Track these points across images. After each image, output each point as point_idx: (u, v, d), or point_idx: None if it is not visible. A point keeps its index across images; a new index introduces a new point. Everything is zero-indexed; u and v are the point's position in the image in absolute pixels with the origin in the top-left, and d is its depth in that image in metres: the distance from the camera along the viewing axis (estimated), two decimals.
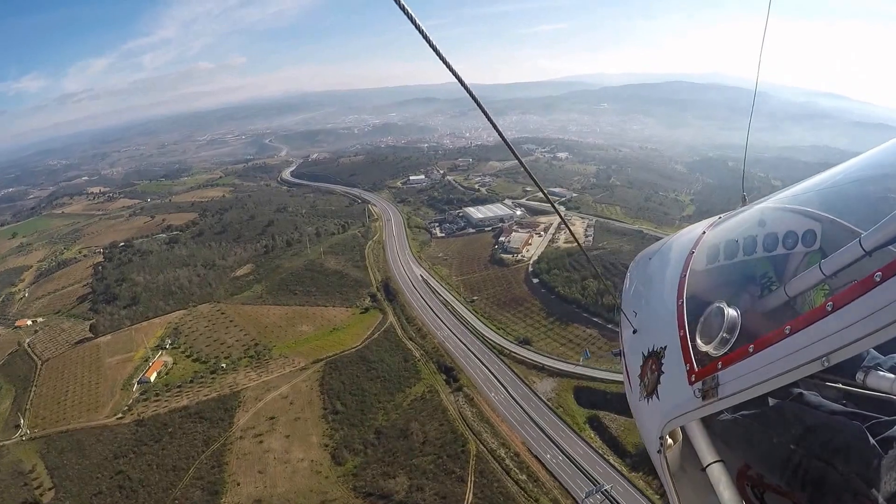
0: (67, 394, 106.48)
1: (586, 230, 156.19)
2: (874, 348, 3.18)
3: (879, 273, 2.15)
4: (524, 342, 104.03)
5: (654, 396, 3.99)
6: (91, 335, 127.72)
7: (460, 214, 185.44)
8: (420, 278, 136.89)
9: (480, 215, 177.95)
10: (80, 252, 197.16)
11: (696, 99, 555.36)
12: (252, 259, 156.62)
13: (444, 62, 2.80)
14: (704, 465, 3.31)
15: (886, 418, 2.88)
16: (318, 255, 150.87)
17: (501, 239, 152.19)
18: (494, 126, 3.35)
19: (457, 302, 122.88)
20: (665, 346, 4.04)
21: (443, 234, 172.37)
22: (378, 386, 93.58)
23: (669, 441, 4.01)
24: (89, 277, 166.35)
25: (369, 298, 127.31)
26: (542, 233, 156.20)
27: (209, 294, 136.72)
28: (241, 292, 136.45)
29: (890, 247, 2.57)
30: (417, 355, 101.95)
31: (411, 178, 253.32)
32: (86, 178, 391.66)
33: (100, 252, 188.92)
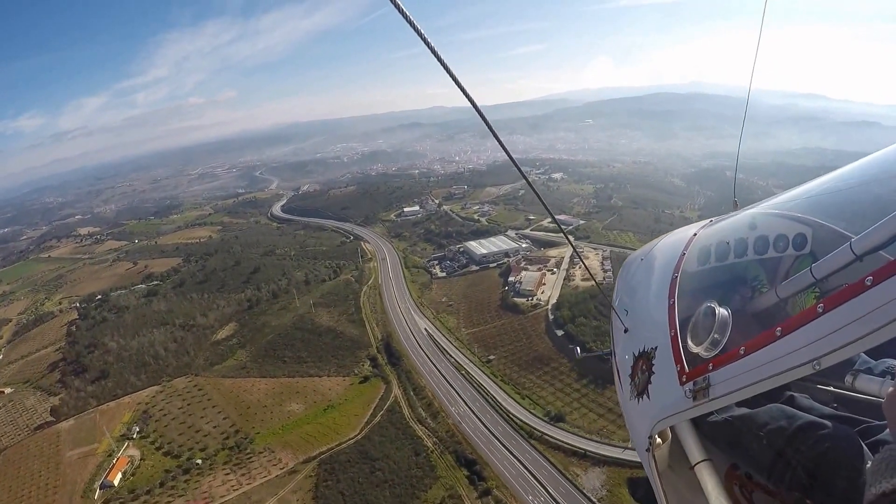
0: (23, 501, 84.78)
1: (602, 263, 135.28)
2: (865, 352, 3.28)
3: (870, 277, 2.12)
4: (557, 419, 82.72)
5: (645, 396, 3.88)
6: (52, 419, 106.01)
7: (461, 250, 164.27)
8: (425, 332, 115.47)
9: (483, 250, 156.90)
10: (60, 303, 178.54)
11: (681, 109, 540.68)
12: (235, 316, 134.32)
13: (459, 86, 2.73)
14: (692, 465, 3.27)
15: (877, 422, 2.85)
16: (308, 309, 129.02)
17: (511, 279, 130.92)
18: (505, 149, 3.36)
19: (470, 364, 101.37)
20: (656, 347, 3.90)
21: (444, 274, 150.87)
22: (386, 494, 71.41)
23: (658, 440, 3.88)
24: (63, 338, 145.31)
25: (368, 363, 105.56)
26: (554, 269, 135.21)
27: (186, 365, 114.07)
28: (223, 361, 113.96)
29: (880, 251, 2.52)
30: (430, 444, 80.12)
31: (405, 209, 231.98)
32: (79, 216, 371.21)
33: (76, 306, 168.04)
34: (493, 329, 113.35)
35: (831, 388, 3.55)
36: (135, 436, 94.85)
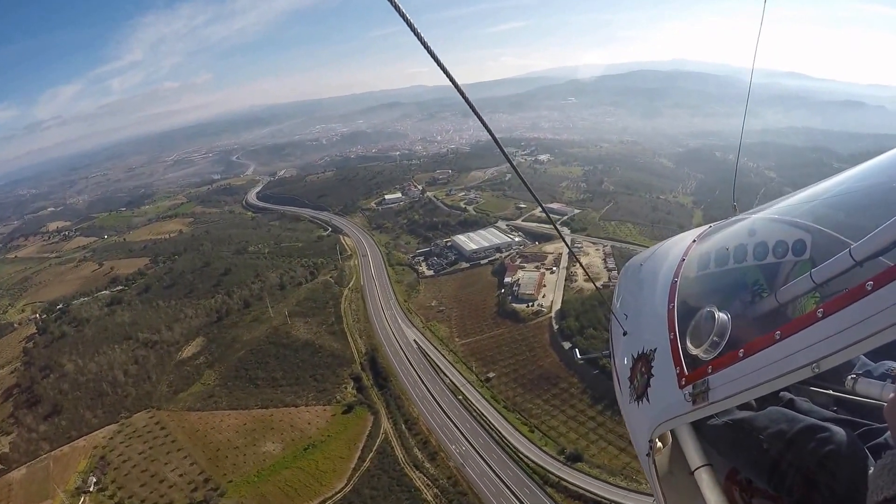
0: None
1: (605, 260, 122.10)
2: (864, 355, 3.27)
3: (871, 282, 2.13)
4: (573, 459, 70.17)
5: (644, 399, 3.82)
6: (3, 467, 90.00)
7: (448, 244, 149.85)
8: (414, 344, 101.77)
9: (473, 245, 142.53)
10: (22, 310, 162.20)
11: (664, 87, 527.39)
12: (203, 329, 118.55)
13: (441, 66, 2.60)
14: (693, 469, 3.22)
15: (878, 425, 2.82)
16: (283, 320, 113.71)
17: (507, 280, 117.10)
18: (492, 135, 3.14)
19: (468, 385, 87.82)
20: (655, 349, 3.88)
21: (431, 272, 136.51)
22: None
23: (659, 444, 3.77)
24: (20, 357, 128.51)
25: (352, 384, 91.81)
26: (553, 267, 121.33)
27: (147, 394, 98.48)
28: (188, 387, 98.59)
29: (881, 257, 2.46)
30: (430, 497, 66.80)
31: (386, 197, 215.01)
32: (51, 209, 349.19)
33: (36, 318, 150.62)
34: (491, 340, 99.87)
35: (830, 392, 3.34)
36: (91, 489, 79.43)
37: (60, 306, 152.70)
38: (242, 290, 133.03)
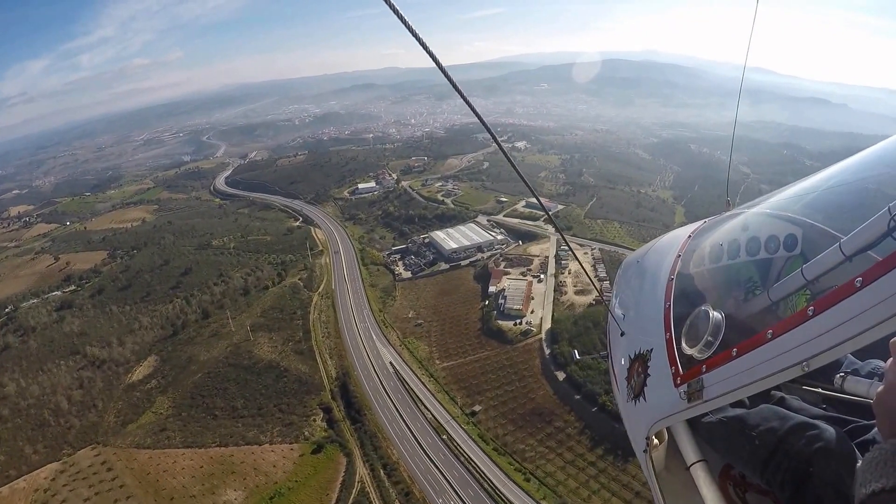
0: None
1: (595, 267, 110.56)
2: (852, 354, 3.25)
3: (860, 278, 2.07)
4: None
5: (641, 398, 3.82)
6: None
7: (426, 241, 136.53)
8: (390, 367, 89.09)
9: (453, 244, 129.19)
10: None
11: (636, 77, 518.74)
12: (156, 345, 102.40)
13: (425, 48, 2.49)
14: (688, 465, 3.24)
15: (865, 422, 2.82)
16: (244, 336, 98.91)
17: (492, 290, 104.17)
18: (481, 119, 3.00)
19: (452, 421, 75.20)
20: (651, 349, 3.85)
21: (409, 274, 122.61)
22: None
23: (655, 441, 3.82)
24: None
25: (322, 415, 79.02)
26: (540, 275, 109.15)
27: (93, 425, 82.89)
28: (139, 416, 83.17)
29: (870, 252, 2.40)
30: None
31: (360, 185, 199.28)
32: (16, 191, 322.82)
33: None
34: (475, 363, 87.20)
35: (819, 390, 3.33)
36: None
37: (8, 310, 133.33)
38: (203, 293, 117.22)
